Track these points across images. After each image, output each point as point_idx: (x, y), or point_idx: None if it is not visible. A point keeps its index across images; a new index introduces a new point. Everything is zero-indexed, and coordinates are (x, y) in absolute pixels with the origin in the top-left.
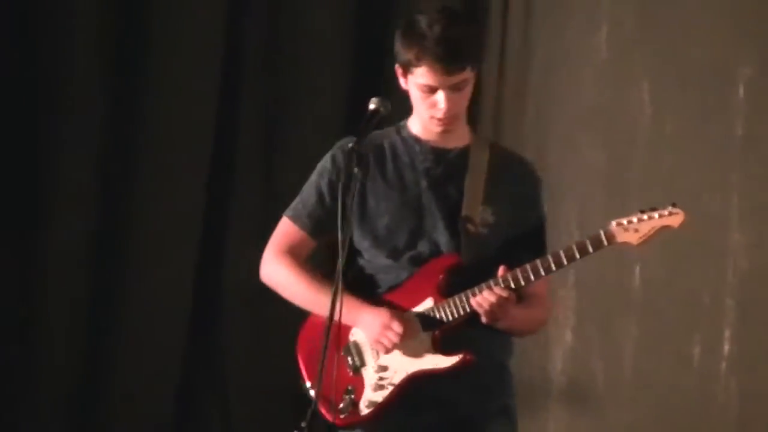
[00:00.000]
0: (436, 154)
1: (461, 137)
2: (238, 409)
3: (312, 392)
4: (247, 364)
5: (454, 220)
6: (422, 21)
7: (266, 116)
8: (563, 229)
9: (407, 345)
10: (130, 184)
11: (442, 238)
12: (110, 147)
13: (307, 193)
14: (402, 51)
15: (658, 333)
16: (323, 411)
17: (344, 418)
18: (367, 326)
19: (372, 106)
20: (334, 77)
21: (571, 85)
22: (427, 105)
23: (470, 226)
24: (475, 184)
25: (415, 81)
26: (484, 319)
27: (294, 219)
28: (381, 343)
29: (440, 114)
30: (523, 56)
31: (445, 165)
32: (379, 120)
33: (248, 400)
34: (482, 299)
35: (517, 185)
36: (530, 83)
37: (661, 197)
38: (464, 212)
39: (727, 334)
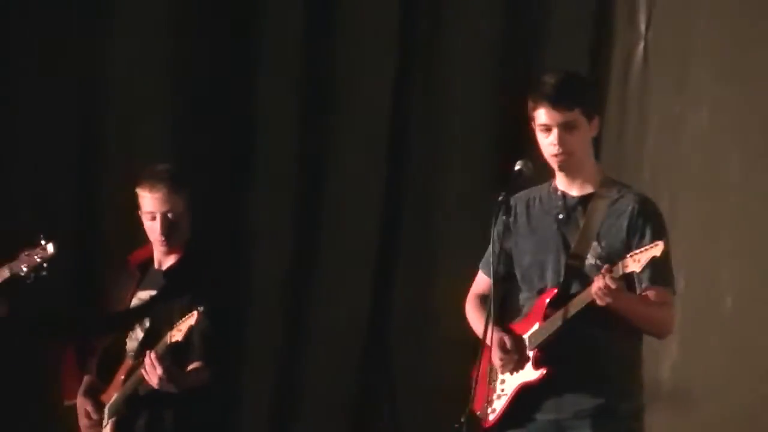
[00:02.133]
0: (564, 200)
1: (588, 181)
2: (405, 403)
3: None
4: (414, 367)
5: (565, 258)
6: (543, 76)
7: (430, 167)
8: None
9: (517, 362)
10: (320, 213)
11: (554, 273)
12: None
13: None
14: (528, 103)
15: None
16: (478, 414)
17: (485, 422)
18: (492, 352)
19: (516, 167)
20: (483, 147)
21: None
22: (545, 145)
23: (575, 261)
24: (590, 224)
25: (536, 124)
26: (598, 301)
27: (481, 267)
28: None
29: (555, 150)
30: (640, 120)
31: (568, 210)
32: (523, 178)
33: (414, 396)
34: (595, 284)
35: (629, 223)
36: (647, 145)
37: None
38: (573, 250)
39: None
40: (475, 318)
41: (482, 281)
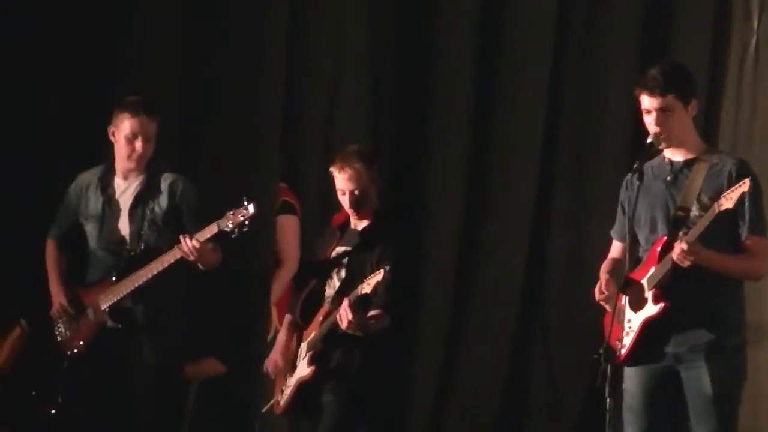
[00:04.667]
0: (671, 165)
1: (692, 152)
2: (556, 341)
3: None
4: (565, 314)
5: (672, 210)
6: (649, 69)
7: (578, 142)
8: None
9: (637, 303)
10: (487, 185)
11: (664, 225)
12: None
13: (618, 212)
14: (635, 91)
15: None
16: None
17: (618, 357)
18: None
19: (648, 140)
20: (630, 112)
21: None
22: (648, 124)
23: (681, 212)
24: (694, 181)
25: (642, 108)
26: (680, 263)
27: (612, 235)
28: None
29: (654, 129)
30: (753, 103)
31: (674, 172)
32: (654, 150)
33: (565, 339)
34: (675, 249)
35: (730, 178)
36: (757, 124)
37: None
38: (679, 203)
39: None
40: (603, 272)
41: (616, 247)
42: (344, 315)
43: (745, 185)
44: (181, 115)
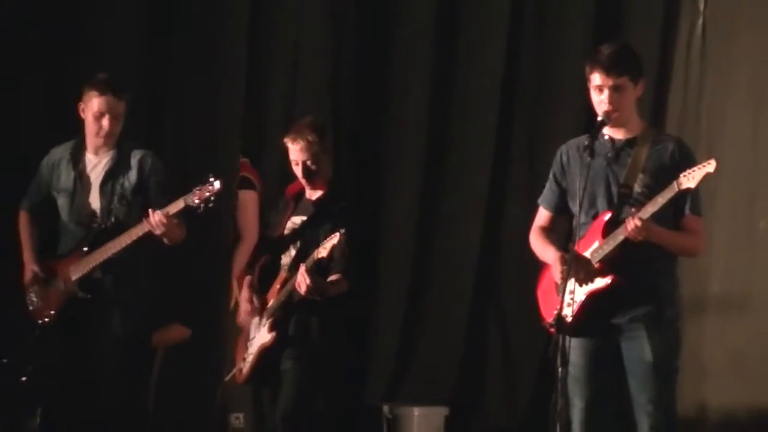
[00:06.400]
0: (613, 143)
1: (632, 130)
2: (511, 317)
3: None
4: (519, 287)
5: (615, 188)
6: (601, 46)
7: (532, 125)
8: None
9: (581, 274)
10: (444, 162)
11: (604, 200)
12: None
13: (547, 182)
14: (586, 67)
15: None
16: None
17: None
18: (552, 269)
19: (599, 118)
20: (575, 108)
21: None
22: (597, 102)
23: (625, 189)
24: (637, 160)
25: (591, 85)
26: (632, 238)
27: (540, 203)
28: (556, 278)
29: (606, 107)
30: (700, 80)
31: (615, 150)
32: (603, 126)
33: (519, 311)
34: (628, 225)
35: (673, 157)
36: (704, 100)
37: None
38: (623, 181)
39: None
40: (537, 243)
41: (543, 215)
42: (302, 281)
43: (710, 166)
44: (144, 92)
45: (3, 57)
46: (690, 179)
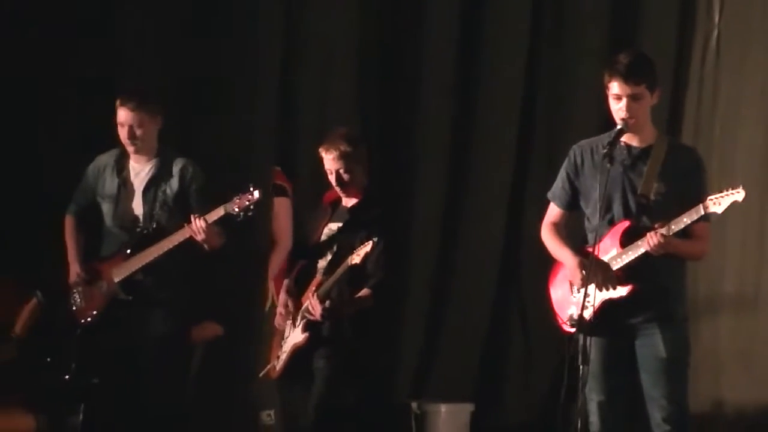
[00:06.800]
0: (629, 150)
1: (647, 138)
2: (531, 313)
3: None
4: (539, 284)
5: (632, 195)
6: (619, 55)
7: (551, 129)
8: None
9: (601, 279)
10: (467, 165)
11: (620, 206)
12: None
13: (558, 179)
14: (605, 76)
15: None
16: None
17: (571, 328)
18: (569, 271)
19: (618, 126)
20: (592, 114)
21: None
22: (616, 110)
23: (643, 199)
24: (652, 169)
25: (610, 93)
26: (653, 253)
27: (551, 199)
28: (575, 281)
29: (624, 115)
30: (714, 90)
31: (632, 158)
32: (621, 134)
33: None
34: (650, 240)
35: (684, 167)
36: (718, 109)
37: None
38: (640, 190)
39: None
40: (550, 241)
41: (554, 211)
42: (315, 306)
43: (739, 195)
44: (181, 104)
45: (47, 63)
46: (717, 204)
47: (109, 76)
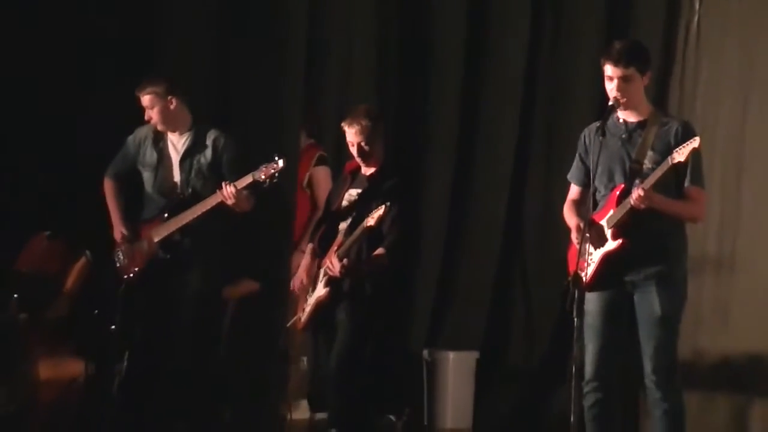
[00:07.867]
0: (626, 125)
1: (642, 113)
2: (532, 281)
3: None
4: (538, 254)
5: (629, 164)
6: (613, 42)
7: (551, 111)
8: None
9: (598, 240)
10: (472, 147)
11: (620, 175)
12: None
13: (574, 161)
14: (601, 60)
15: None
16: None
17: (584, 282)
18: (573, 234)
19: (610, 104)
20: (590, 100)
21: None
22: (609, 90)
23: (636, 165)
24: (646, 139)
25: (605, 75)
26: (637, 206)
27: (570, 179)
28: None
29: (615, 95)
30: (695, 69)
31: (628, 132)
32: (613, 111)
33: (539, 277)
34: (633, 194)
35: (677, 136)
36: (699, 86)
37: None
38: (634, 157)
39: None
40: (567, 215)
41: (573, 189)
42: (335, 264)
43: (695, 142)
44: (214, 81)
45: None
46: (680, 154)
47: (148, 38)
